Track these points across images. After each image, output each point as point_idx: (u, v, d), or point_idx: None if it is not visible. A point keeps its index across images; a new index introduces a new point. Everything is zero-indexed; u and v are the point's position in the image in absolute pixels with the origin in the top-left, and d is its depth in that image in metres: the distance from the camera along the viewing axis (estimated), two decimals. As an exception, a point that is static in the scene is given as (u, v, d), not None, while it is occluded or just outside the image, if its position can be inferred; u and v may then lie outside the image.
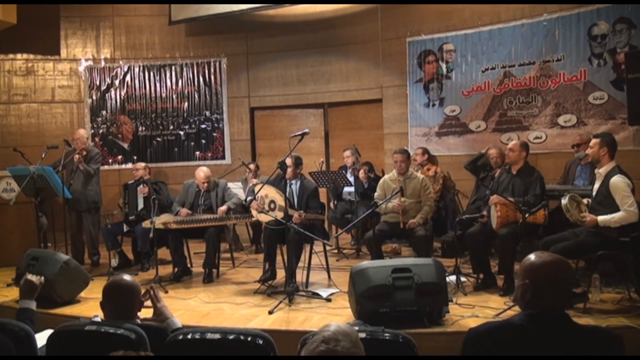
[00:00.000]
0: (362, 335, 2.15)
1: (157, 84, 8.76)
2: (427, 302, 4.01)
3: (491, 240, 5.24)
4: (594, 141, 4.50)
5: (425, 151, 7.30)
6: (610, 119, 6.39)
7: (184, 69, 8.76)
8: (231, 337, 2.38)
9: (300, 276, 5.26)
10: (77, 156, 6.48)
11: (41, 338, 2.74)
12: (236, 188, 7.31)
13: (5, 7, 7.09)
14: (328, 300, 4.85)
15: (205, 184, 6.12)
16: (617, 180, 4.27)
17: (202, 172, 6.15)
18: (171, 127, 8.78)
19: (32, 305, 3.04)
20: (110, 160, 8.66)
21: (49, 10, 8.31)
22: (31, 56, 8.51)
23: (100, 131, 8.72)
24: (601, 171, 4.44)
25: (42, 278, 3.21)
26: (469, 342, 2.11)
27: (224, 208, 5.92)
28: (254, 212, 5.50)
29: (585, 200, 4.59)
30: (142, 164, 6.84)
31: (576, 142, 6.07)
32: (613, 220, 4.27)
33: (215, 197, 6.14)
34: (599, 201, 4.40)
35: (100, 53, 8.70)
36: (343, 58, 8.31)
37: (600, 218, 4.32)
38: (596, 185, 4.51)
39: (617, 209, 4.26)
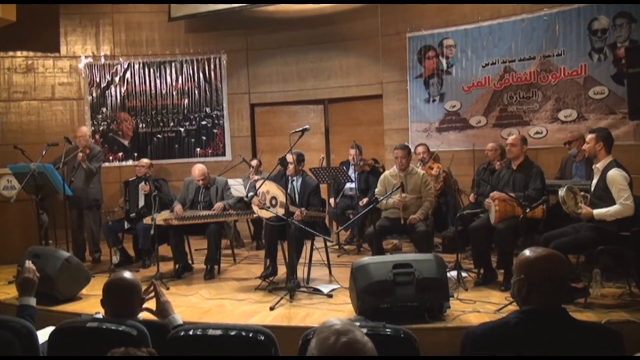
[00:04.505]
0: (364, 331, 2.15)
1: (157, 81, 8.75)
2: (428, 298, 4.01)
3: (492, 235, 5.24)
4: (589, 137, 4.49)
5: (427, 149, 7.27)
6: (610, 113, 6.38)
7: (184, 66, 8.75)
8: (232, 333, 2.39)
9: (301, 272, 5.26)
10: (80, 154, 6.47)
11: (43, 335, 2.75)
12: (237, 185, 7.31)
13: (5, 5, 7.07)
14: (329, 296, 4.86)
15: (201, 181, 6.13)
16: (614, 173, 4.27)
17: (197, 169, 6.14)
18: (171, 124, 8.78)
19: (32, 301, 3.02)
20: (110, 158, 8.66)
21: (49, 8, 8.29)
22: (31, 53, 8.50)
23: (101, 128, 8.72)
24: (598, 166, 4.44)
25: (35, 269, 3.15)
26: (467, 344, 2.10)
27: (220, 205, 5.92)
28: (255, 208, 5.50)
29: (582, 193, 4.58)
30: (147, 161, 6.80)
31: (568, 140, 6.08)
32: (609, 214, 4.27)
33: (216, 194, 6.14)
34: (598, 196, 4.40)
35: (100, 50, 8.70)
36: (343, 54, 8.30)
37: (596, 211, 4.32)
38: (594, 180, 4.50)
39: (615, 203, 4.27)
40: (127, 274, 2.71)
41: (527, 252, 2.16)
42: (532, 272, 2.09)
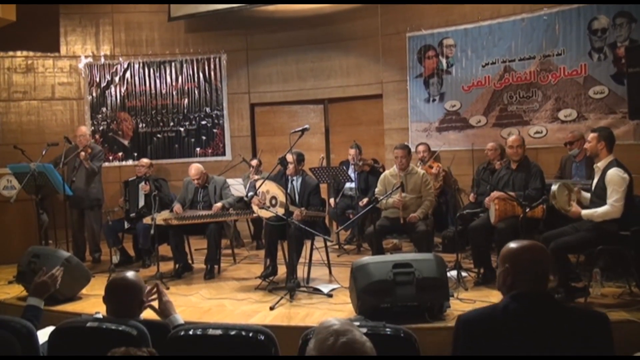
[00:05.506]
0: (364, 330, 2.15)
1: (157, 81, 8.75)
2: (428, 297, 4.02)
3: (492, 235, 5.24)
4: (591, 135, 4.48)
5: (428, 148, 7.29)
6: (610, 113, 6.38)
7: (184, 66, 8.75)
8: (232, 333, 2.39)
9: (301, 272, 5.27)
10: (82, 154, 6.47)
11: (43, 335, 2.75)
12: (237, 184, 7.31)
13: (5, 5, 7.08)
14: (329, 295, 4.86)
15: (197, 180, 6.14)
16: (613, 172, 4.26)
17: (193, 168, 6.17)
18: (171, 124, 8.78)
19: (40, 304, 3.04)
20: (110, 157, 8.66)
21: (49, 8, 8.29)
22: (31, 53, 8.50)
23: (101, 128, 8.72)
24: (599, 165, 4.43)
25: (60, 278, 3.19)
26: (460, 329, 2.17)
27: (218, 205, 5.93)
28: (255, 208, 5.50)
29: (576, 188, 4.58)
30: (147, 161, 6.82)
31: (568, 140, 6.06)
32: (596, 214, 4.28)
33: (214, 193, 6.14)
34: (598, 195, 4.38)
35: (100, 50, 8.70)
36: (343, 54, 8.30)
37: (584, 212, 4.35)
38: (595, 180, 4.50)
39: None
40: (130, 274, 2.71)
41: (511, 244, 2.27)
42: (516, 261, 2.19)
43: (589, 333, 2.07)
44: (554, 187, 4.48)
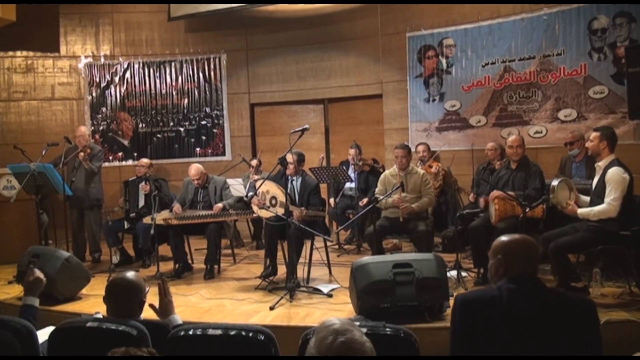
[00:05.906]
0: (364, 330, 2.15)
1: (157, 81, 8.75)
2: (428, 297, 4.02)
3: (492, 235, 5.23)
4: (594, 135, 4.48)
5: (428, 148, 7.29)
6: (610, 113, 6.38)
7: (184, 66, 8.74)
8: (232, 333, 2.39)
9: (301, 272, 5.26)
10: (82, 154, 6.47)
11: (43, 335, 2.75)
12: (237, 184, 7.32)
13: (5, 5, 7.08)
14: (329, 295, 4.86)
15: (197, 181, 6.14)
16: (613, 171, 4.26)
17: (193, 169, 6.17)
18: (171, 124, 8.78)
19: (36, 302, 3.06)
20: (110, 157, 8.65)
21: (49, 8, 8.29)
22: (31, 53, 8.50)
23: (101, 128, 8.72)
24: (600, 164, 4.43)
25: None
26: (457, 307, 2.33)
27: (220, 205, 5.94)
28: (255, 208, 5.50)
29: (575, 191, 4.59)
30: (147, 161, 6.81)
31: (568, 140, 6.05)
32: (592, 213, 4.30)
33: (214, 193, 6.14)
34: (598, 194, 4.38)
35: (100, 50, 8.69)
36: (343, 53, 8.30)
37: (580, 210, 4.36)
38: (595, 179, 4.50)
39: None
40: (130, 274, 2.71)
41: (502, 238, 2.46)
42: (508, 252, 2.37)
43: (577, 315, 2.24)
44: (555, 182, 4.49)
